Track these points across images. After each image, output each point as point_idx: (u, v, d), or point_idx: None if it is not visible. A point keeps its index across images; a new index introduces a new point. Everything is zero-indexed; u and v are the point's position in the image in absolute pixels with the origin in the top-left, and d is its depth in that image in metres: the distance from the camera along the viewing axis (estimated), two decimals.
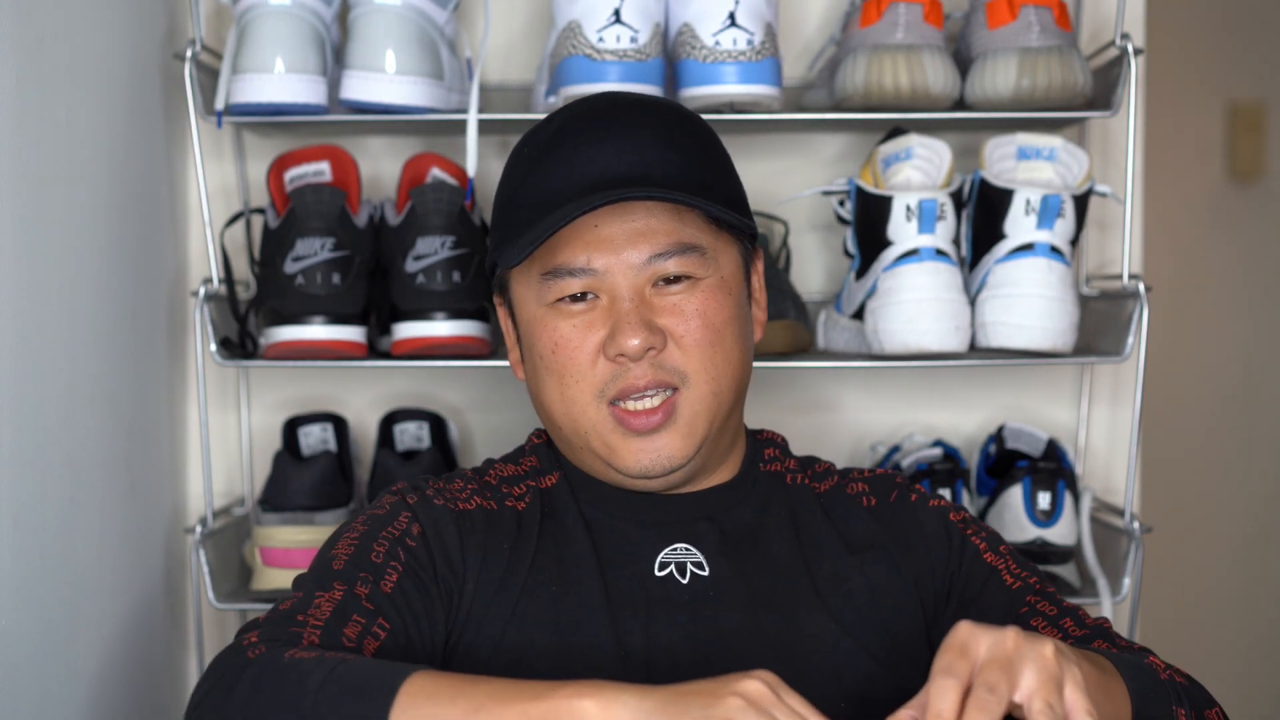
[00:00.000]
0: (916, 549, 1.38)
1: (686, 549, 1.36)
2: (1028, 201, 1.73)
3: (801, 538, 1.38)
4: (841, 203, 1.86)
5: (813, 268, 2.01)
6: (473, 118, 1.77)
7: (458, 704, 1.09)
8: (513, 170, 1.37)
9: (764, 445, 1.45)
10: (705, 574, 1.35)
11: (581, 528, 1.36)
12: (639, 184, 1.30)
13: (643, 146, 1.32)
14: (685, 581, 1.34)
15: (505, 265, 1.32)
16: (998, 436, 1.94)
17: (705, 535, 1.36)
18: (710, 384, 1.32)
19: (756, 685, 1.07)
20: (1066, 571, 1.82)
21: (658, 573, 1.35)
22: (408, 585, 1.27)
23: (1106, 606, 1.79)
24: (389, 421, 1.94)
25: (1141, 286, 1.78)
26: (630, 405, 1.31)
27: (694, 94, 1.73)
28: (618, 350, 1.30)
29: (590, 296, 1.32)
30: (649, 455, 1.32)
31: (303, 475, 1.84)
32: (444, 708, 1.09)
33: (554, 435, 1.39)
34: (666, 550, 1.35)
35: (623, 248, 1.31)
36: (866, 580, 1.36)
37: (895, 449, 1.95)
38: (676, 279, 1.32)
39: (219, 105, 1.77)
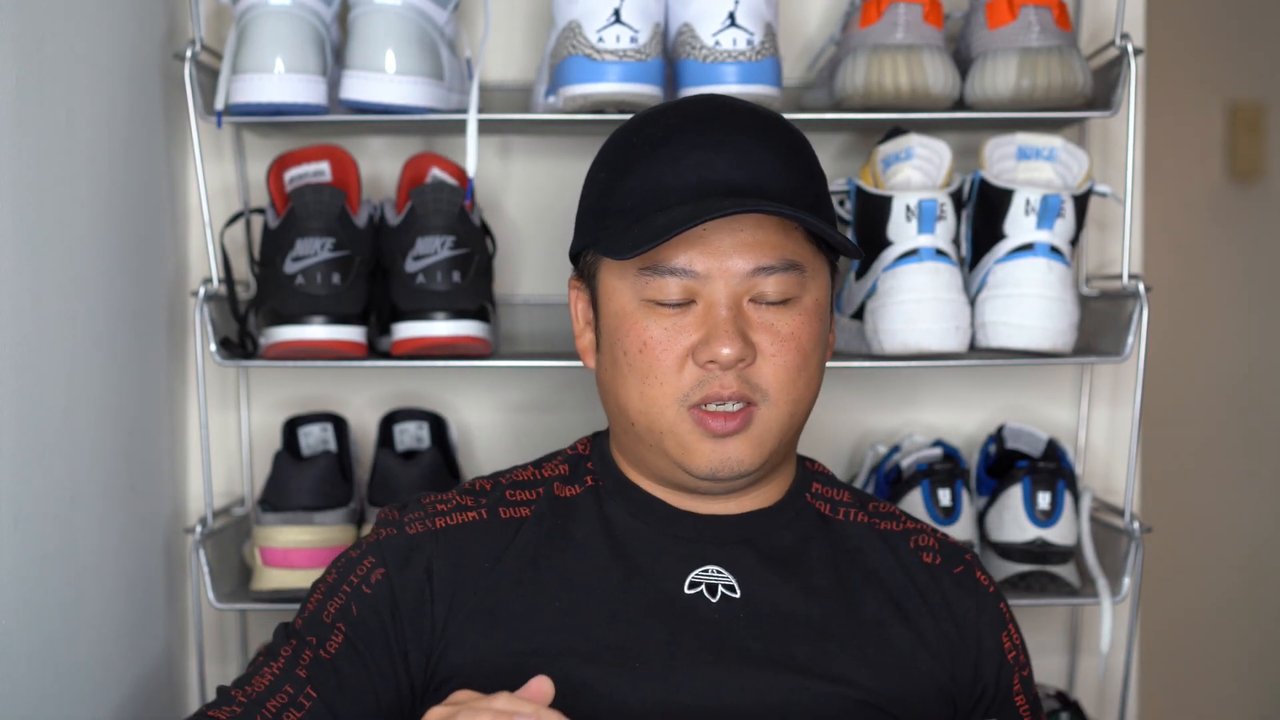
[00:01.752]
0: (967, 648, 1.38)
1: (719, 571, 1.35)
2: (1027, 201, 1.73)
3: (843, 572, 1.37)
4: (841, 203, 1.86)
5: None
6: (473, 118, 1.77)
7: None
8: (617, 158, 1.35)
9: (813, 477, 1.44)
10: (736, 596, 1.34)
11: (603, 537, 1.36)
12: (752, 195, 1.29)
13: (758, 159, 1.31)
14: (715, 601, 1.34)
15: (616, 257, 1.29)
16: (998, 436, 1.94)
17: (741, 558, 1.36)
18: (789, 405, 1.33)
19: (441, 710, 1.14)
20: (1066, 571, 1.82)
21: (687, 590, 1.34)
22: (350, 649, 1.33)
23: (1106, 606, 1.79)
24: (389, 421, 1.94)
25: (1141, 286, 1.78)
26: (710, 407, 1.31)
27: (694, 94, 1.72)
28: (710, 357, 1.29)
29: (686, 302, 1.31)
30: (720, 458, 1.32)
31: (303, 475, 1.84)
32: None
33: (621, 429, 1.37)
34: (698, 570, 1.35)
35: (728, 255, 1.30)
36: (908, 636, 1.36)
37: (895, 449, 1.95)
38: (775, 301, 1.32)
39: (219, 105, 1.77)
